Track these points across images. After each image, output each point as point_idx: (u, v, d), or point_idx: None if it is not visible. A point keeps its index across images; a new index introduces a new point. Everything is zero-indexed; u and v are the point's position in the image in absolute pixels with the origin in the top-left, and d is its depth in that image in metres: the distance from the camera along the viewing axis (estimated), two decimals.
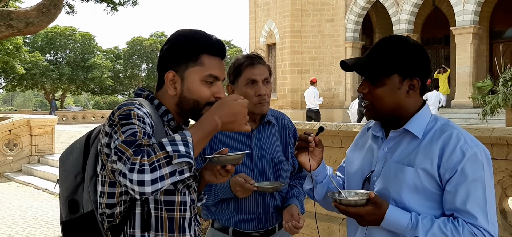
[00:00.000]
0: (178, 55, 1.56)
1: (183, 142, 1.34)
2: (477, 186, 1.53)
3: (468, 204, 1.53)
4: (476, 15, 18.17)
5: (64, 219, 1.56)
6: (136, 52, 49.53)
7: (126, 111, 1.42)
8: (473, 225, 1.52)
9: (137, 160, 1.27)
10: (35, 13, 5.96)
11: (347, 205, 1.57)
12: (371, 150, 1.76)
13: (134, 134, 1.35)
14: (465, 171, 1.53)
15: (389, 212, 1.56)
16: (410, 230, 1.55)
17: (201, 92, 1.56)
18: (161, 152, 1.30)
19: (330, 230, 4.36)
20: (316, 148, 1.78)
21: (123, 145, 1.32)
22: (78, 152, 1.56)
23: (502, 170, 3.35)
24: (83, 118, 36.00)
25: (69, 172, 1.55)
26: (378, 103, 1.65)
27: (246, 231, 2.29)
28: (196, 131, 1.42)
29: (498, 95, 12.62)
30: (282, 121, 2.43)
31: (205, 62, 1.56)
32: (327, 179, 1.85)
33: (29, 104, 79.69)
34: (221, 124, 1.46)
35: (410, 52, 1.64)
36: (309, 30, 22.28)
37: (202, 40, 1.57)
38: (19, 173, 11.67)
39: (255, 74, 2.23)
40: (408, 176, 1.60)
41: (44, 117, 13.29)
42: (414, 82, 1.63)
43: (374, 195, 1.56)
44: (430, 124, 1.65)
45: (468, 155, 1.54)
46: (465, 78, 18.30)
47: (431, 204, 1.60)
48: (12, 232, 6.37)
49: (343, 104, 22.00)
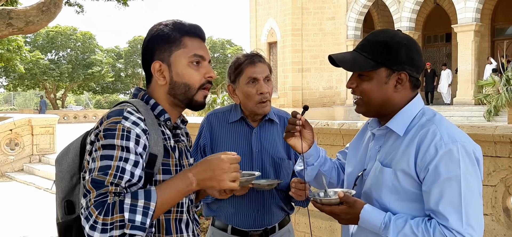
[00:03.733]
0: (160, 43, 1.55)
1: (143, 210, 1.31)
2: (452, 185, 1.44)
3: (441, 205, 1.45)
4: (477, 12, 18.12)
5: (60, 220, 1.55)
6: (137, 51, 49.60)
7: (112, 125, 1.39)
8: (445, 226, 1.44)
9: (93, 214, 1.27)
10: (35, 11, 5.94)
11: (322, 204, 1.59)
12: (367, 147, 1.74)
13: (105, 173, 1.32)
14: (438, 170, 1.45)
15: (363, 212, 1.55)
16: (383, 230, 1.52)
17: (191, 75, 1.54)
18: (118, 214, 1.27)
19: (332, 228, 4.35)
20: (304, 129, 1.80)
21: (91, 186, 1.31)
22: (74, 152, 1.54)
23: (505, 168, 3.33)
24: (85, 117, 36.04)
25: (65, 172, 1.54)
26: (366, 98, 1.62)
27: (244, 229, 2.28)
28: (165, 190, 1.38)
29: (501, 95, 12.60)
30: (285, 119, 2.42)
31: (187, 43, 1.55)
32: (319, 162, 1.86)
33: (30, 104, 79.77)
34: (197, 181, 1.42)
35: (397, 45, 1.58)
36: (310, 29, 22.25)
37: (179, 25, 1.57)
38: (21, 172, 11.66)
39: (256, 72, 2.23)
40: (386, 177, 1.56)
41: (45, 117, 13.27)
42: (402, 76, 1.58)
43: (343, 194, 1.55)
44: (416, 120, 1.59)
45: (441, 152, 1.45)
46: (466, 76, 18.26)
47: (415, 205, 1.53)
48: (13, 231, 6.36)
49: (344, 103, 21.99)
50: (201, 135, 2.37)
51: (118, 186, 1.33)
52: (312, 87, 22.47)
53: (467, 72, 18.25)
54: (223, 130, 2.32)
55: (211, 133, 2.33)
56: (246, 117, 2.32)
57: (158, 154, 1.46)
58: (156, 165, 1.46)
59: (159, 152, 1.46)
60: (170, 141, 1.54)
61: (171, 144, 1.54)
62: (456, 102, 18.31)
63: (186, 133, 1.73)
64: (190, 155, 1.68)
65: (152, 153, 1.44)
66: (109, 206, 1.28)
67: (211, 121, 2.37)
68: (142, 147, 1.41)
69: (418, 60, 1.61)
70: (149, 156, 1.44)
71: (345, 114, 21.19)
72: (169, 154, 1.52)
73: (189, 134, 1.75)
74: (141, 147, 1.40)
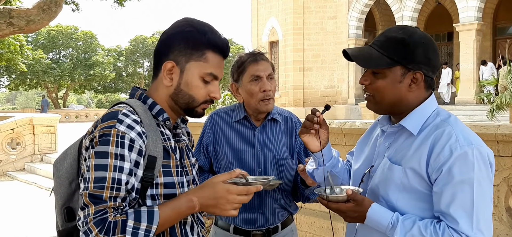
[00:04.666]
0: (181, 44, 1.47)
1: (145, 233, 1.30)
2: (464, 188, 1.42)
3: (452, 207, 1.43)
4: (479, 11, 18.07)
5: (60, 228, 1.52)
6: (138, 51, 49.68)
7: (107, 129, 1.35)
8: (454, 230, 1.42)
9: (93, 231, 1.27)
10: (36, 10, 5.94)
11: (329, 201, 1.55)
12: (375, 144, 1.71)
13: (101, 186, 1.30)
14: (452, 172, 1.43)
15: (371, 211, 1.52)
16: (390, 230, 1.49)
17: (198, 90, 1.49)
18: (120, 235, 1.27)
19: (334, 228, 4.34)
20: (321, 129, 1.74)
21: (88, 199, 1.30)
22: (72, 157, 1.50)
23: (507, 167, 3.32)
24: (86, 117, 36.07)
25: (63, 178, 1.50)
26: (378, 96, 1.58)
27: (246, 228, 2.28)
28: (168, 211, 1.37)
29: (505, 94, 12.54)
30: (289, 119, 2.41)
31: (209, 58, 1.48)
32: (331, 163, 1.80)
33: (32, 103, 79.88)
34: (200, 206, 1.40)
35: (414, 43, 1.53)
36: (311, 28, 22.23)
37: (210, 35, 1.48)
38: (22, 172, 11.67)
39: (259, 70, 2.23)
40: (395, 174, 1.54)
41: (47, 116, 13.29)
42: (417, 76, 1.54)
43: (351, 192, 1.51)
44: (430, 119, 1.56)
45: (456, 154, 1.43)
46: (468, 75, 18.22)
47: (422, 205, 1.52)
48: (15, 231, 6.36)
49: (346, 102, 21.97)
50: (204, 135, 2.36)
51: (117, 200, 1.32)
52: (313, 86, 22.45)
53: (469, 71, 18.20)
54: (226, 129, 2.31)
55: (214, 132, 2.33)
56: (249, 116, 2.31)
57: (157, 156, 1.41)
58: (156, 168, 1.41)
59: (158, 153, 1.42)
60: (170, 142, 1.49)
61: (171, 144, 1.49)
62: (458, 101, 18.26)
63: (187, 132, 1.68)
64: (192, 154, 1.65)
65: (151, 155, 1.40)
66: (110, 224, 1.28)
67: (214, 120, 2.36)
68: (137, 152, 1.37)
69: (435, 60, 1.57)
70: (148, 158, 1.39)
71: (347, 113, 21.17)
72: (169, 155, 1.47)
73: (190, 133, 1.71)
74: (135, 152, 1.36)
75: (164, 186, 1.43)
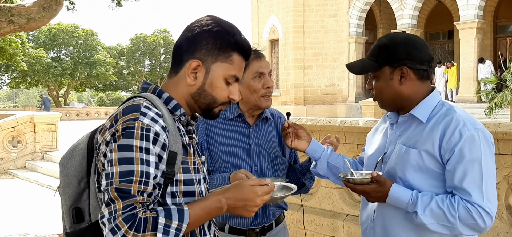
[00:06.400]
0: (209, 43, 1.43)
1: (175, 232, 1.27)
2: (474, 165, 1.66)
3: (465, 182, 1.66)
4: (480, 9, 18.04)
5: (68, 230, 1.45)
6: (139, 49, 49.67)
7: (130, 122, 1.29)
8: (468, 201, 1.66)
9: (122, 228, 1.20)
10: (37, 9, 5.94)
11: (354, 184, 1.76)
12: (386, 134, 1.95)
13: (129, 180, 1.25)
14: (463, 152, 1.66)
15: (392, 190, 1.73)
16: (411, 205, 1.71)
17: (221, 91, 1.46)
18: (150, 233, 1.23)
19: (334, 226, 4.35)
20: (297, 131, 2.09)
21: (115, 194, 1.24)
22: (81, 155, 1.42)
23: (508, 165, 3.32)
24: (87, 115, 36.08)
25: (71, 177, 1.42)
26: (379, 95, 1.86)
27: (242, 227, 2.28)
28: (198, 211, 1.34)
29: (505, 92, 12.53)
30: (278, 118, 2.43)
31: (235, 60, 1.46)
32: (324, 155, 2.08)
33: (33, 102, 79.92)
34: (228, 207, 1.38)
35: (395, 45, 1.80)
36: (312, 26, 22.21)
37: (238, 37, 1.46)
38: (23, 169, 11.69)
39: (262, 67, 2.24)
40: (412, 157, 1.75)
41: (48, 114, 13.30)
42: (404, 71, 1.78)
43: (376, 174, 1.72)
44: (437, 109, 1.79)
45: (465, 136, 1.66)
46: (469, 73, 18.20)
47: (436, 183, 1.74)
48: (16, 228, 6.38)
49: (346, 100, 21.96)
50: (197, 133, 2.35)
51: (144, 195, 1.27)
52: (314, 85, 22.44)
53: (469, 69, 18.18)
54: (220, 128, 2.28)
55: (207, 130, 2.28)
56: (244, 114, 2.30)
57: (177, 152, 1.37)
58: (177, 164, 1.37)
59: (178, 149, 1.38)
60: (185, 138, 1.45)
61: (187, 140, 1.45)
62: (458, 99, 18.25)
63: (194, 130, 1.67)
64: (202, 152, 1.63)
65: (171, 151, 1.35)
66: (140, 221, 1.23)
67: None
68: (161, 146, 1.32)
69: (418, 55, 1.79)
70: (169, 154, 1.35)
71: (347, 111, 21.17)
72: (187, 152, 1.44)
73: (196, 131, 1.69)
74: (159, 146, 1.32)
75: (183, 183, 1.40)
